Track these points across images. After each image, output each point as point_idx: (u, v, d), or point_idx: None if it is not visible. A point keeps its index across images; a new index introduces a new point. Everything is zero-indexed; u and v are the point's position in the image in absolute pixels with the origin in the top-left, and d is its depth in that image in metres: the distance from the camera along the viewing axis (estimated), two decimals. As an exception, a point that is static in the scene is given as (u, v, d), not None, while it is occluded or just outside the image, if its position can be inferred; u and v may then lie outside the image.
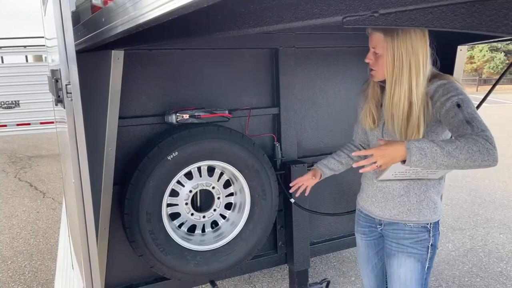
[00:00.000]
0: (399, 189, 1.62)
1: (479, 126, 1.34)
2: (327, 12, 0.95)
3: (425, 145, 1.32)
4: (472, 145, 1.29)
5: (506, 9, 0.90)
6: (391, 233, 1.68)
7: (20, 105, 8.06)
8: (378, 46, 1.51)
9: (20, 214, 4.95)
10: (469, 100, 1.42)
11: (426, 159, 1.31)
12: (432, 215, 1.62)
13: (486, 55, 29.98)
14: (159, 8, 0.87)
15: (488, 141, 1.30)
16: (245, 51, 2.39)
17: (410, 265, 1.63)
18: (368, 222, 1.79)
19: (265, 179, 2.31)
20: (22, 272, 3.51)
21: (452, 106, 1.40)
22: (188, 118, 2.13)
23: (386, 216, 1.67)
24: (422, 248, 1.62)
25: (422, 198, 1.60)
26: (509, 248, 3.70)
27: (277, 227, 2.61)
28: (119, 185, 2.09)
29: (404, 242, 1.64)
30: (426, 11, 0.95)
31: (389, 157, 1.36)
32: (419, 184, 1.60)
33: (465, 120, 1.36)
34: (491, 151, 1.29)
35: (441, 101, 1.44)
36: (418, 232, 1.62)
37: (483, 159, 1.29)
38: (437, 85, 1.47)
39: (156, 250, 2.13)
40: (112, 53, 1.66)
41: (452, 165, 1.31)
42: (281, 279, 3.22)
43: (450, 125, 1.41)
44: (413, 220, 1.61)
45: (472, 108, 1.40)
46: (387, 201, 1.65)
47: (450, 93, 1.43)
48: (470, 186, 5.47)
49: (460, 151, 1.29)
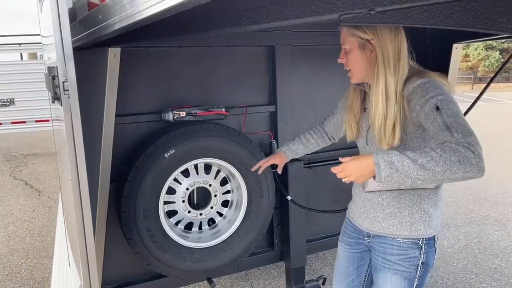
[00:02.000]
0: (389, 200, 1.47)
1: (460, 132, 1.18)
2: (323, 9, 0.96)
3: (395, 158, 1.17)
4: (450, 155, 1.13)
5: (501, 7, 0.91)
6: (378, 246, 1.54)
7: (15, 103, 8.01)
8: (346, 41, 1.42)
9: (16, 212, 4.93)
10: (450, 100, 1.26)
11: (398, 174, 1.16)
12: (426, 230, 1.45)
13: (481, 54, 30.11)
14: (157, 6, 0.87)
15: (470, 149, 1.13)
16: (241, 49, 2.39)
17: (396, 282, 1.49)
18: (355, 233, 1.66)
19: (262, 176, 2.32)
20: (18, 270, 3.50)
21: (431, 110, 1.25)
22: (185, 116, 2.13)
23: (375, 228, 1.53)
24: (410, 266, 1.47)
25: (414, 210, 1.44)
26: (504, 245, 3.73)
27: (274, 225, 2.62)
28: (116, 183, 2.09)
29: (391, 258, 1.49)
30: (421, 9, 0.96)
31: (357, 174, 1.24)
32: (411, 194, 1.44)
33: (445, 125, 1.21)
34: (473, 160, 1.12)
35: (419, 104, 1.29)
36: (407, 249, 1.46)
37: (465, 170, 1.13)
38: (416, 84, 1.32)
39: (153, 247, 2.13)
40: (109, 51, 1.65)
41: (430, 179, 1.15)
42: (278, 276, 3.23)
43: (430, 132, 1.27)
44: (403, 235, 1.46)
45: (453, 110, 1.23)
46: (376, 212, 1.51)
47: (428, 94, 1.28)
48: (465, 184, 5.50)
49: (436, 163, 1.13)
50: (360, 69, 1.43)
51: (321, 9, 0.96)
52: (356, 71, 1.45)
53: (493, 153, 7.37)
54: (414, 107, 1.32)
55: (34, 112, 7.95)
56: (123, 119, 2.11)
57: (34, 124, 8.15)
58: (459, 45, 2.45)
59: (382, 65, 1.35)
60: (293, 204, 2.46)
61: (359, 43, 1.38)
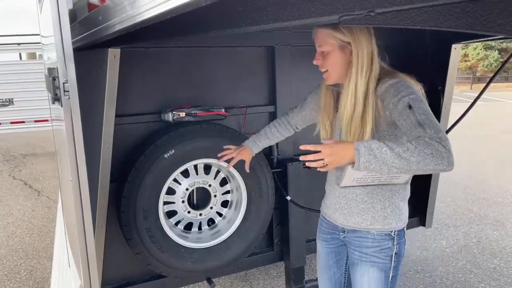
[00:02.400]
0: (362, 195, 1.54)
1: (432, 128, 1.27)
2: (323, 11, 0.96)
3: (374, 145, 1.25)
4: (424, 147, 1.22)
5: (500, 9, 0.91)
6: (354, 240, 1.60)
7: (14, 103, 8.00)
8: (325, 43, 1.45)
9: (15, 212, 4.93)
10: (421, 99, 1.35)
11: (376, 161, 1.24)
12: (397, 222, 1.54)
13: (480, 53, 30.12)
14: (157, 7, 0.87)
15: (442, 143, 1.23)
16: (241, 49, 2.40)
17: (374, 274, 1.56)
18: (330, 229, 1.71)
19: (262, 177, 2.32)
20: (18, 270, 3.50)
21: (404, 108, 1.33)
22: (185, 116, 2.14)
23: (350, 223, 1.59)
24: (385, 257, 1.55)
25: (386, 205, 1.53)
26: (503, 244, 3.74)
27: (273, 225, 2.62)
28: (116, 183, 2.09)
29: (366, 251, 1.56)
30: (421, 10, 0.96)
31: (337, 156, 1.28)
32: (383, 189, 1.52)
33: (417, 122, 1.29)
34: (444, 154, 1.22)
35: (393, 103, 1.36)
36: (382, 241, 1.54)
37: (436, 163, 1.22)
38: (388, 84, 1.39)
39: (152, 247, 2.13)
40: (109, 51, 1.66)
41: (404, 168, 1.23)
42: (277, 276, 3.24)
43: (403, 128, 1.35)
44: (377, 228, 1.54)
45: (424, 109, 1.32)
46: (351, 207, 1.57)
47: (401, 93, 1.35)
48: (464, 183, 5.52)
49: (412, 154, 1.22)
50: (338, 71, 1.47)
51: (321, 10, 0.96)
52: (334, 72, 1.48)
53: (492, 153, 7.39)
54: (387, 106, 1.39)
55: (33, 112, 7.94)
56: (123, 120, 2.11)
57: (33, 124, 8.15)
58: (458, 45, 2.46)
59: (355, 66, 1.41)
60: (293, 204, 2.46)
61: (339, 45, 1.43)
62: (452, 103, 2.64)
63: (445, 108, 2.62)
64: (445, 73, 2.55)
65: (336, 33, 1.40)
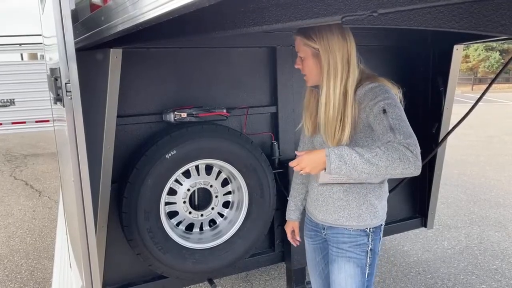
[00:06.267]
0: (338, 193, 1.60)
1: (402, 134, 1.32)
2: (326, 12, 0.96)
3: (344, 152, 1.31)
4: (392, 152, 1.28)
5: (503, 10, 0.91)
6: (332, 237, 1.66)
7: (15, 103, 8.02)
8: (300, 49, 1.52)
9: (16, 212, 4.93)
10: (396, 104, 1.40)
11: (346, 167, 1.30)
12: (372, 220, 1.59)
13: (481, 54, 30.11)
14: (159, 8, 0.87)
15: (409, 148, 1.28)
16: (243, 50, 2.40)
17: (350, 270, 1.61)
18: (313, 226, 1.78)
19: (263, 177, 2.32)
20: (19, 271, 3.50)
21: (379, 112, 1.39)
22: (186, 117, 2.14)
23: (328, 220, 1.65)
24: (361, 253, 1.60)
25: (361, 202, 1.58)
26: (504, 246, 3.73)
27: (275, 226, 2.62)
28: (117, 184, 2.09)
29: (343, 246, 1.62)
30: (424, 11, 0.96)
31: (311, 165, 1.37)
32: (358, 188, 1.57)
33: (389, 127, 1.35)
34: (411, 159, 1.27)
35: (369, 106, 1.42)
36: (357, 236, 1.59)
37: (404, 167, 1.28)
38: (367, 88, 1.45)
39: (154, 248, 2.13)
40: (111, 52, 1.66)
41: (374, 172, 1.30)
42: (278, 277, 3.24)
43: (377, 132, 1.40)
44: (352, 225, 1.59)
45: (397, 114, 1.37)
46: (328, 205, 1.63)
47: (377, 97, 1.41)
48: (466, 185, 5.51)
49: (380, 159, 1.28)
50: (315, 75, 1.54)
51: (323, 11, 0.96)
52: (310, 76, 1.56)
53: (493, 155, 7.38)
54: (364, 109, 1.44)
55: (34, 112, 7.96)
56: (125, 120, 2.11)
57: (35, 125, 8.17)
58: (460, 46, 2.46)
59: (326, 72, 1.46)
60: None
61: (312, 52, 1.49)
62: (453, 104, 2.64)
63: (447, 109, 2.61)
64: (447, 74, 2.55)
65: (307, 40, 1.47)
